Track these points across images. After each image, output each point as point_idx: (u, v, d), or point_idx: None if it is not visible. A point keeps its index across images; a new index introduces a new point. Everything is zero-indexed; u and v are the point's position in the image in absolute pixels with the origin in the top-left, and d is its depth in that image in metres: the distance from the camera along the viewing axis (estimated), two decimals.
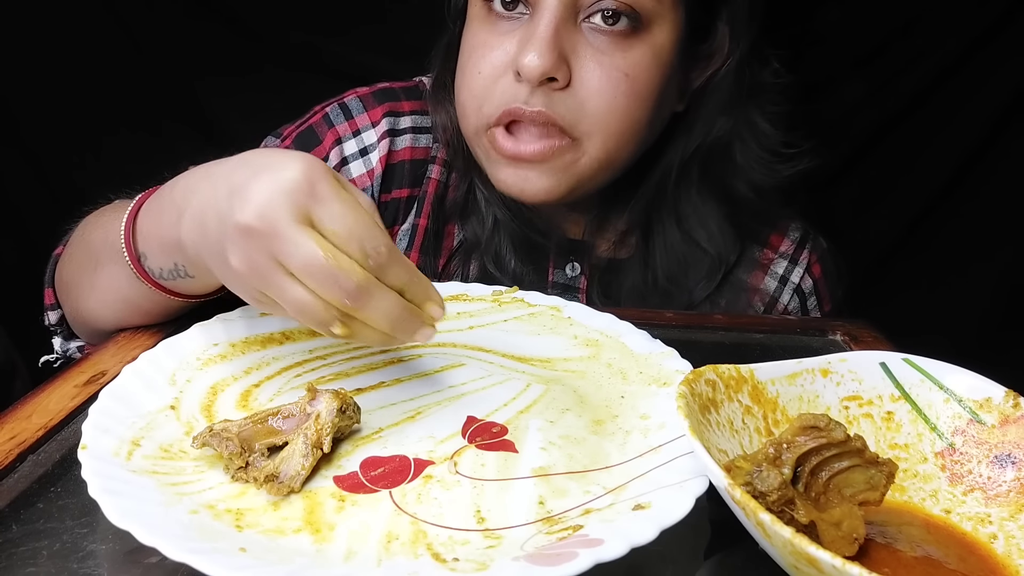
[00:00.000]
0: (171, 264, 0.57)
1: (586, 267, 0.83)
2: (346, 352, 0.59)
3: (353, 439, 0.49)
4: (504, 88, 0.70)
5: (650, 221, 0.81)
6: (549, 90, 0.68)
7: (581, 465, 0.48)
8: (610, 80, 0.69)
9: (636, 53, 0.69)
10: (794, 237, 0.87)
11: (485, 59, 0.71)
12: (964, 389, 0.49)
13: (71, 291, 0.67)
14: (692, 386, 0.45)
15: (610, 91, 0.69)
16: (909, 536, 0.44)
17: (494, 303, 0.68)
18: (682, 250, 0.80)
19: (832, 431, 0.42)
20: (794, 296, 0.86)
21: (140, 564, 0.39)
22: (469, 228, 0.82)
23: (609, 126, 0.70)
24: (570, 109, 0.69)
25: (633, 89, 0.69)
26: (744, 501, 0.37)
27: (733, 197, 0.80)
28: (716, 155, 0.78)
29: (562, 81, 0.68)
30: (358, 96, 0.82)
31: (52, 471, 0.47)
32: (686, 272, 0.81)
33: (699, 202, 0.79)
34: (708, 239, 0.80)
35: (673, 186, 0.79)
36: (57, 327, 0.72)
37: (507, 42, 0.70)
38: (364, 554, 0.40)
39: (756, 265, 0.85)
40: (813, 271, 0.87)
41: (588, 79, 0.68)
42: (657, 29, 0.70)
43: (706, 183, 0.79)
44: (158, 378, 0.52)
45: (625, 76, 0.69)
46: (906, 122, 1.14)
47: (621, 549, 0.38)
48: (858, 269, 1.14)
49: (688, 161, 0.78)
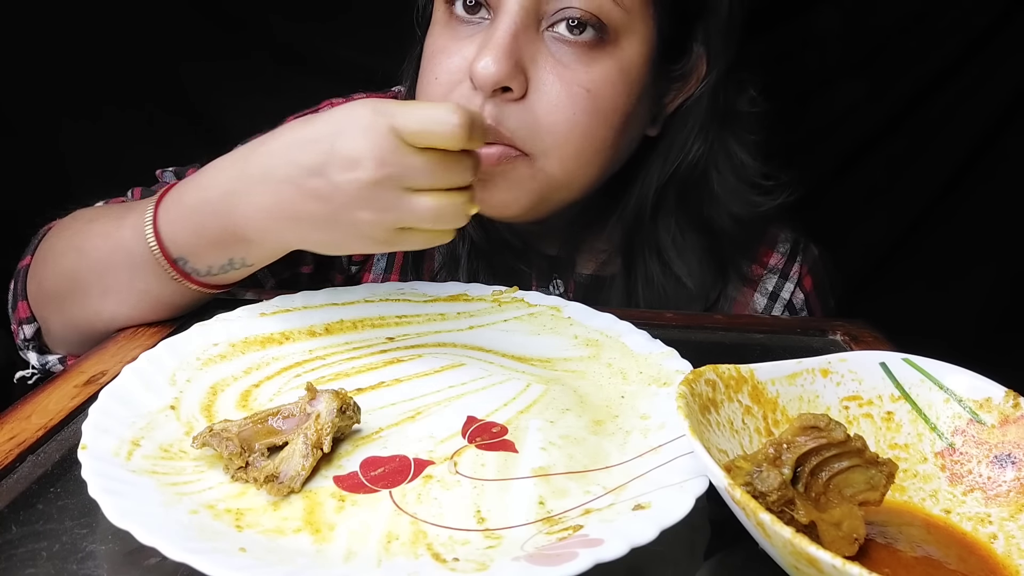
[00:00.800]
0: (224, 260, 0.59)
1: (571, 283, 0.81)
2: (346, 352, 0.59)
3: (353, 439, 0.49)
4: (460, 96, 0.65)
5: (631, 249, 0.78)
6: (502, 101, 0.63)
7: (581, 465, 0.48)
8: (570, 95, 0.64)
9: (601, 67, 0.64)
10: (784, 249, 0.84)
11: (442, 65, 0.66)
12: (964, 389, 0.49)
13: (64, 302, 0.65)
14: (692, 386, 0.45)
15: (569, 107, 0.64)
16: (909, 536, 0.44)
17: (494, 303, 0.68)
18: (662, 283, 0.77)
19: (832, 431, 0.42)
20: (785, 312, 0.84)
21: (140, 564, 0.39)
22: (446, 249, 0.80)
23: (567, 144, 0.65)
24: (523, 123, 0.64)
25: (595, 106, 0.65)
26: (744, 501, 0.37)
27: (713, 229, 0.76)
28: (693, 184, 0.75)
29: (517, 92, 0.63)
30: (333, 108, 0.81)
31: (52, 471, 0.47)
32: (666, 306, 0.78)
33: (678, 233, 0.76)
34: (688, 275, 0.76)
35: (651, 214, 0.76)
36: (31, 341, 0.70)
37: (466, 47, 0.65)
38: (364, 554, 0.40)
39: (745, 281, 0.83)
40: (804, 284, 0.85)
41: (546, 92, 0.64)
42: (625, 43, 0.65)
43: (684, 214, 0.76)
44: (158, 378, 0.52)
45: (587, 92, 0.64)
46: (905, 123, 1.14)
47: (621, 549, 0.38)
48: (857, 271, 1.15)
49: (664, 189, 0.75)
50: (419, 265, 0.82)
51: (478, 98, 0.63)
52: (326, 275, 0.82)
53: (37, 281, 0.68)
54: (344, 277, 0.83)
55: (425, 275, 0.82)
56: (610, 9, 0.63)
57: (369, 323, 0.64)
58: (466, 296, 0.68)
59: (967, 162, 1.14)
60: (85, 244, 0.64)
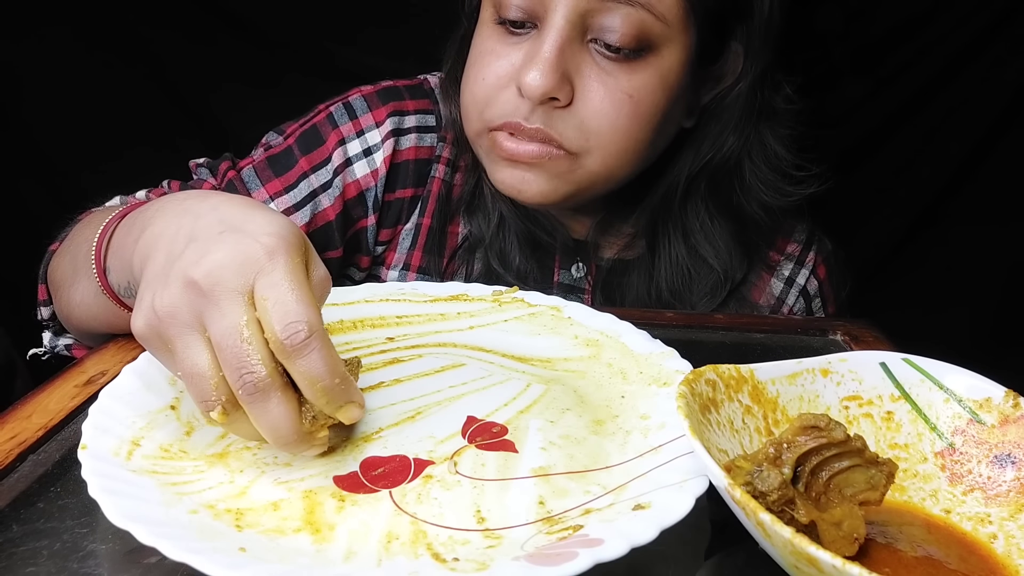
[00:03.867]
0: (125, 282, 0.56)
1: (592, 268, 0.83)
2: (346, 352, 0.59)
3: (353, 439, 0.49)
4: (507, 99, 0.70)
5: (656, 232, 0.80)
6: (550, 108, 0.68)
7: (581, 465, 0.48)
8: (613, 101, 0.68)
9: (642, 76, 0.68)
10: (800, 239, 0.87)
11: (490, 67, 0.70)
12: (964, 389, 0.49)
13: (60, 291, 0.67)
14: (692, 386, 0.45)
15: (612, 112, 0.68)
16: (909, 536, 0.44)
17: (494, 303, 0.68)
18: (687, 264, 0.80)
19: (832, 431, 0.42)
20: (799, 298, 0.86)
21: (140, 564, 0.39)
22: (475, 223, 0.82)
23: (609, 145, 0.70)
24: (570, 127, 0.69)
25: (636, 111, 0.69)
26: (744, 501, 0.37)
27: (742, 216, 0.79)
28: (725, 173, 0.78)
29: (564, 100, 0.68)
30: (362, 95, 0.82)
31: (52, 471, 0.47)
32: (690, 287, 0.81)
33: (707, 218, 0.79)
34: (715, 256, 0.80)
35: (680, 200, 0.79)
36: (49, 322, 0.72)
37: (514, 53, 0.69)
38: (364, 554, 0.40)
39: (762, 267, 0.86)
40: (818, 272, 0.87)
41: (591, 99, 0.68)
42: (666, 52, 0.69)
43: (715, 200, 0.79)
44: (158, 378, 0.52)
45: (629, 98, 0.68)
46: (907, 124, 1.14)
47: (621, 549, 0.38)
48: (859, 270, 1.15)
49: (696, 177, 0.78)
50: (442, 242, 0.83)
51: (523, 105, 0.68)
52: (351, 259, 0.83)
53: (52, 267, 0.70)
54: (370, 259, 0.84)
55: (447, 251, 0.83)
56: (651, 25, 0.67)
57: (369, 323, 0.64)
58: (466, 296, 0.68)
59: (968, 163, 1.14)
60: (77, 237, 0.66)
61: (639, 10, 0.65)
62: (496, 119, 0.70)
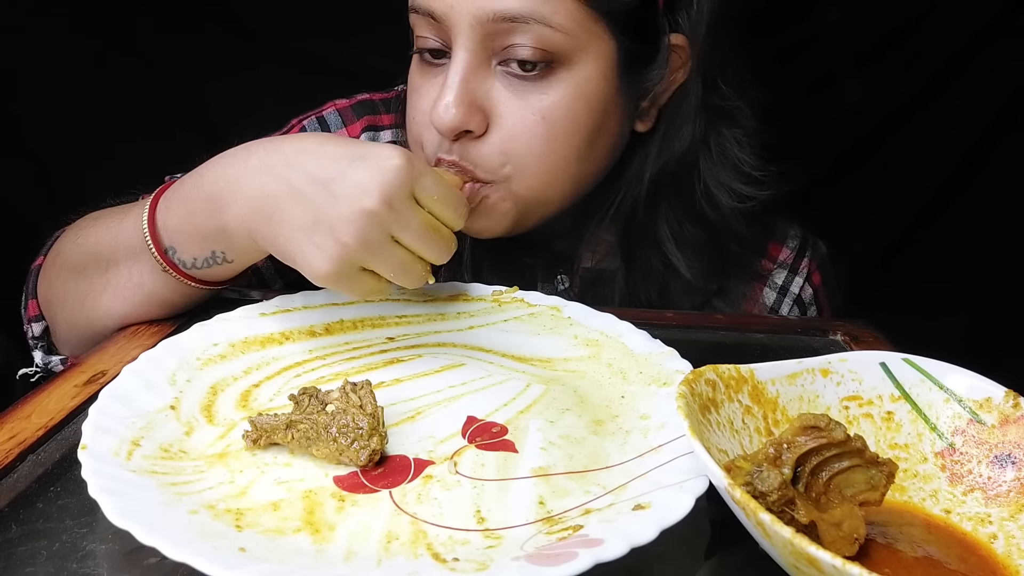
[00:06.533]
0: (207, 253, 0.59)
1: (576, 279, 0.81)
2: (346, 352, 0.59)
3: None
4: (430, 137, 0.67)
5: (631, 243, 0.78)
6: (466, 140, 0.66)
7: (581, 465, 0.48)
8: (525, 125, 0.65)
9: (555, 93, 0.65)
10: (793, 245, 0.85)
11: (416, 105, 0.69)
12: (964, 389, 0.49)
13: (68, 300, 0.66)
14: (692, 386, 0.45)
15: (525, 136, 0.65)
16: (910, 536, 0.44)
17: (494, 303, 0.68)
18: (662, 275, 0.77)
19: (832, 431, 0.42)
20: (794, 307, 0.85)
21: (140, 564, 0.39)
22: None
23: (529, 169, 0.66)
24: (486, 157, 0.66)
25: (551, 131, 0.66)
26: (744, 501, 0.37)
27: (708, 221, 0.76)
28: (685, 175, 0.74)
29: (477, 130, 0.65)
30: (337, 109, 0.81)
31: (52, 471, 0.47)
32: (669, 295, 0.78)
33: (676, 225, 0.76)
34: (686, 265, 0.76)
35: (646, 206, 0.75)
36: (39, 340, 0.71)
37: (432, 87, 0.67)
38: (364, 554, 0.40)
39: (754, 276, 0.83)
40: (813, 280, 0.85)
41: (503, 126, 0.65)
42: (580, 63, 0.65)
43: (680, 205, 0.76)
44: (158, 378, 0.52)
45: (542, 119, 0.65)
46: (904, 125, 1.14)
47: (621, 549, 0.38)
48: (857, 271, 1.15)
49: (658, 181, 0.74)
50: None
51: (446, 143, 0.66)
52: None
53: (48, 280, 0.69)
54: None
55: None
56: (553, 39, 0.63)
57: (369, 323, 0.64)
58: (466, 296, 0.68)
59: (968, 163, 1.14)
60: (90, 239, 0.65)
61: (537, 25, 0.62)
62: (430, 157, 0.68)
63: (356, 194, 0.52)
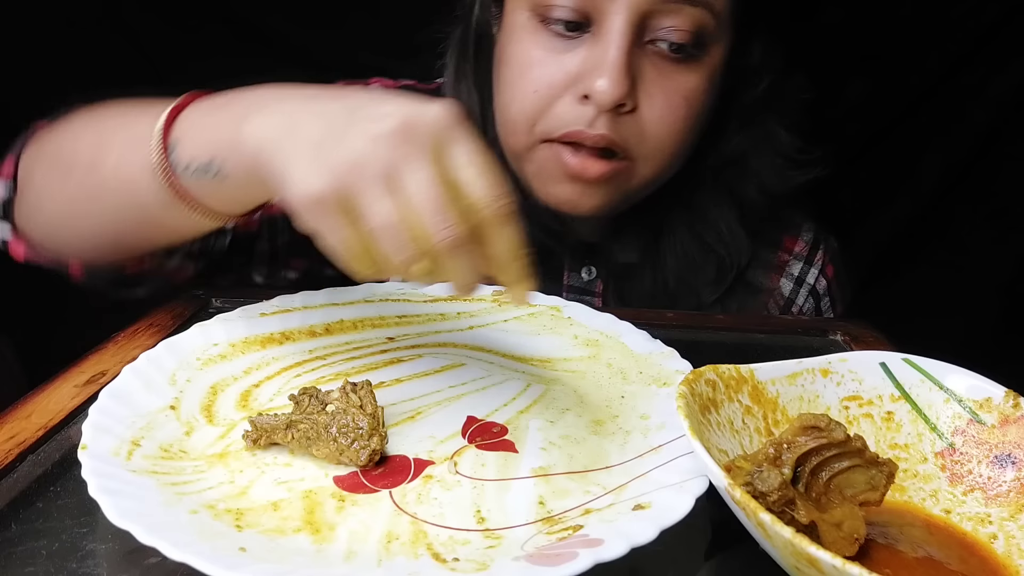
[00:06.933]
0: (206, 158, 0.52)
1: (603, 271, 0.82)
2: (346, 352, 0.59)
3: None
4: (565, 108, 0.67)
5: (662, 224, 0.80)
6: (615, 114, 0.67)
7: (581, 465, 0.48)
8: (671, 106, 0.68)
9: (696, 76, 0.69)
10: (807, 238, 0.87)
11: (541, 78, 0.68)
12: (964, 389, 0.49)
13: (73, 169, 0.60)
14: (692, 386, 0.45)
15: (671, 117, 0.68)
16: (910, 536, 0.44)
17: (494, 303, 0.68)
18: (692, 252, 0.80)
19: (832, 431, 0.42)
20: (809, 297, 0.86)
21: (140, 564, 0.39)
22: None
23: (664, 150, 0.70)
24: (632, 133, 0.68)
25: (690, 113, 0.69)
26: (744, 501, 0.37)
27: (745, 201, 0.79)
28: (731, 160, 0.77)
29: (631, 106, 0.67)
30: (383, 86, 0.80)
31: (52, 471, 0.47)
32: (696, 274, 0.80)
33: (712, 205, 0.79)
34: (718, 241, 0.79)
35: (689, 192, 0.78)
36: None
37: (567, 59, 0.67)
38: (364, 554, 0.40)
39: (771, 268, 0.85)
40: (827, 272, 0.87)
41: (653, 104, 0.68)
42: (714, 51, 0.69)
43: (720, 187, 0.78)
44: (158, 378, 0.52)
45: (685, 100, 0.68)
46: (906, 124, 1.14)
47: (621, 549, 0.38)
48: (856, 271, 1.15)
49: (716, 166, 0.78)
50: None
51: (586, 112, 0.66)
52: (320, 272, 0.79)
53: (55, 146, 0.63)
54: None
55: None
56: (708, 24, 0.66)
57: (369, 323, 0.64)
58: (466, 296, 0.68)
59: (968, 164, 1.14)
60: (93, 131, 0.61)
61: (700, 9, 0.65)
62: (555, 130, 0.68)
63: (377, 116, 0.44)
